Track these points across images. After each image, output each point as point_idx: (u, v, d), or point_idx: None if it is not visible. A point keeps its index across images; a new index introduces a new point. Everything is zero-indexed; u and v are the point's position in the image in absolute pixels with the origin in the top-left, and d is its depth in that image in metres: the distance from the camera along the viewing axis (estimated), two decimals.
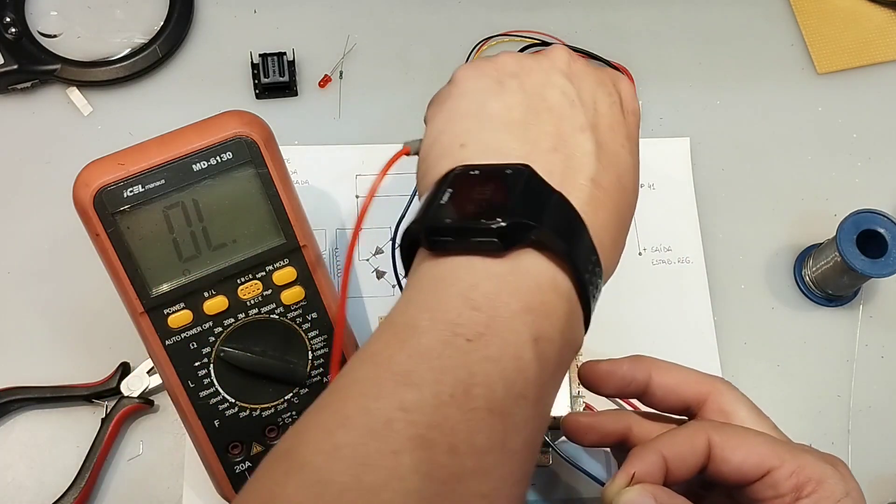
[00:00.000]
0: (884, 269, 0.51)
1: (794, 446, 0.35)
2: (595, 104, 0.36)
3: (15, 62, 0.56)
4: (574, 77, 0.37)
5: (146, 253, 0.41)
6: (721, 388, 0.38)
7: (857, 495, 0.33)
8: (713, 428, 0.35)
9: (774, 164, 0.59)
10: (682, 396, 0.38)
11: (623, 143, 0.36)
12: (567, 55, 0.38)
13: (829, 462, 0.34)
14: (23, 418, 0.50)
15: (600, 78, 0.38)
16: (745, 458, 0.34)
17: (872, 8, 0.64)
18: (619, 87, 0.38)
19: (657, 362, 0.39)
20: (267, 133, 0.43)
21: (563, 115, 0.35)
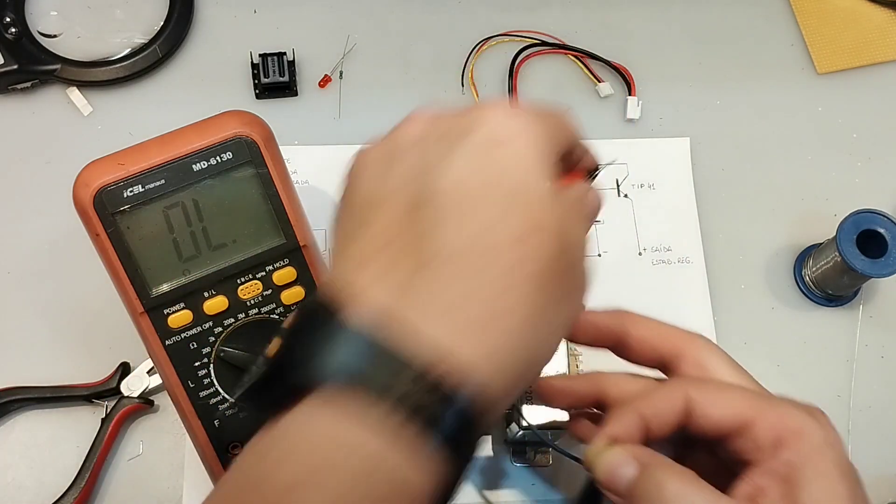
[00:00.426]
0: (884, 269, 0.51)
1: (773, 398, 0.34)
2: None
3: (15, 62, 0.56)
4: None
5: (146, 253, 0.41)
6: (698, 343, 0.37)
7: (837, 443, 0.33)
8: (691, 385, 0.34)
9: (774, 164, 0.59)
10: (658, 350, 0.37)
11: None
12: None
13: (809, 411, 0.33)
14: (23, 418, 0.50)
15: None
16: (724, 413, 0.33)
17: (872, 8, 0.64)
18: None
19: (634, 316, 0.38)
20: (267, 133, 0.43)
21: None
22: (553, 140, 0.31)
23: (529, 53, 0.61)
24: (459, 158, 0.30)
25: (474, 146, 0.30)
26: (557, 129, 0.33)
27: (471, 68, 0.60)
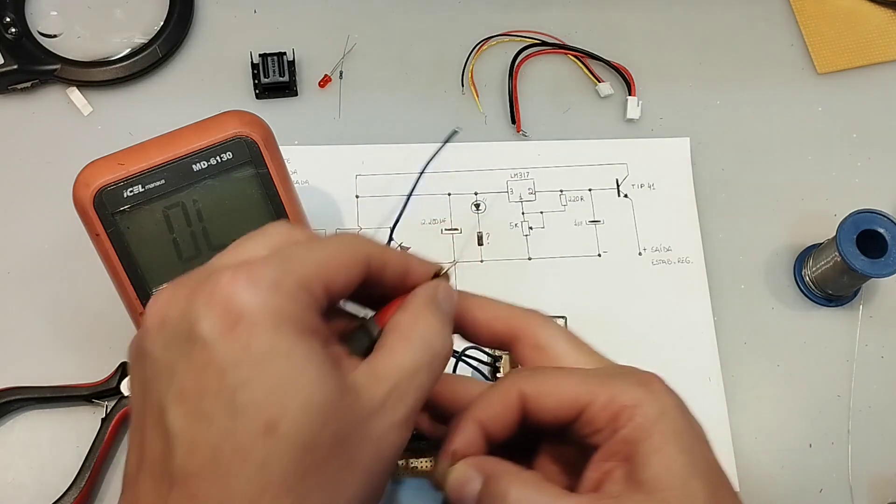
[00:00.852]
0: (884, 269, 0.51)
1: (608, 375, 0.33)
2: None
3: (15, 62, 0.56)
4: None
5: (146, 253, 0.41)
6: (535, 323, 0.36)
7: (674, 411, 0.32)
8: (523, 379, 0.33)
9: (774, 164, 0.59)
10: (495, 331, 0.36)
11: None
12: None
13: (643, 383, 0.33)
14: (23, 418, 0.50)
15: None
16: (558, 402, 0.32)
17: (872, 8, 0.64)
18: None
19: (470, 297, 0.36)
20: (267, 133, 0.43)
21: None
22: (312, 293, 0.29)
23: (529, 53, 0.61)
24: (183, 375, 0.27)
25: (198, 353, 0.27)
26: (324, 272, 0.30)
27: (471, 68, 0.60)
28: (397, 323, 0.32)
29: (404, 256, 0.33)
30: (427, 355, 0.31)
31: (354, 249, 0.31)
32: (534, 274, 0.55)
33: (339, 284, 0.30)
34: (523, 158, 0.58)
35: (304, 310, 0.28)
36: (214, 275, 0.28)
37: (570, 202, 0.57)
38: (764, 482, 0.51)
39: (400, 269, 0.33)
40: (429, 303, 0.32)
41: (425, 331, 0.31)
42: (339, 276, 0.30)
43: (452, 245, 0.55)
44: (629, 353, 0.53)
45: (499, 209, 0.57)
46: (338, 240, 0.31)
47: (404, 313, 0.32)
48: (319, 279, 0.29)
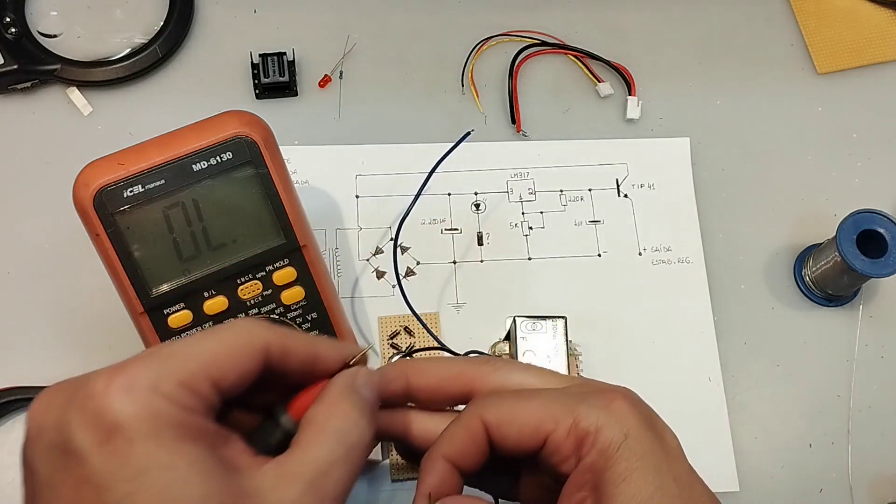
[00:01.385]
0: (884, 269, 0.51)
1: (571, 397, 0.32)
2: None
3: (15, 62, 0.56)
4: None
5: (146, 253, 0.41)
6: (485, 370, 0.34)
7: (639, 431, 0.31)
8: (485, 408, 0.32)
9: (774, 164, 0.59)
10: (449, 394, 0.34)
11: None
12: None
13: (605, 404, 0.31)
14: (23, 418, 0.50)
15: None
16: (521, 430, 0.31)
17: (872, 8, 0.64)
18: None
19: (414, 365, 0.35)
20: (267, 133, 0.43)
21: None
22: (197, 392, 0.27)
23: (529, 53, 0.61)
24: (61, 490, 0.26)
25: (75, 467, 0.26)
26: (210, 367, 0.28)
27: (471, 68, 0.60)
28: (312, 416, 0.30)
29: (312, 343, 0.32)
30: (342, 448, 0.29)
31: (248, 339, 0.30)
32: (534, 274, 0.55)
33: (231, 379, 0.29)
34: (523, 158, 0.58)
35: (186, 413, 0.27)
36: (90, 381, 0.27)
37: (570, 202, 0.57)
38: (764, 482, 0.51)
39: (306, 357, 0.31)
40: (345, 392, 0.31)
41: (341, 423, 0.30)
42: (230, 370, 0.29)
43: (452, 245, 0.55)
44: (629, 353, 0.54)
45: (499, 209, 0.57)
46: (229, 329, 0.30)
47: (319, 405, 0.30)
48: (205, 376, 0.28)
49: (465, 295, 0.54)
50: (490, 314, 0.53)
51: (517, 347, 0.46)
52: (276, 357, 0.30)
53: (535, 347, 0.46)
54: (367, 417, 0.31)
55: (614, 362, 0.53)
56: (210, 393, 0.28)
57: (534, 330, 0.47)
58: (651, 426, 0.32)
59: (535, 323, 0.47)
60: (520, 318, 0.47)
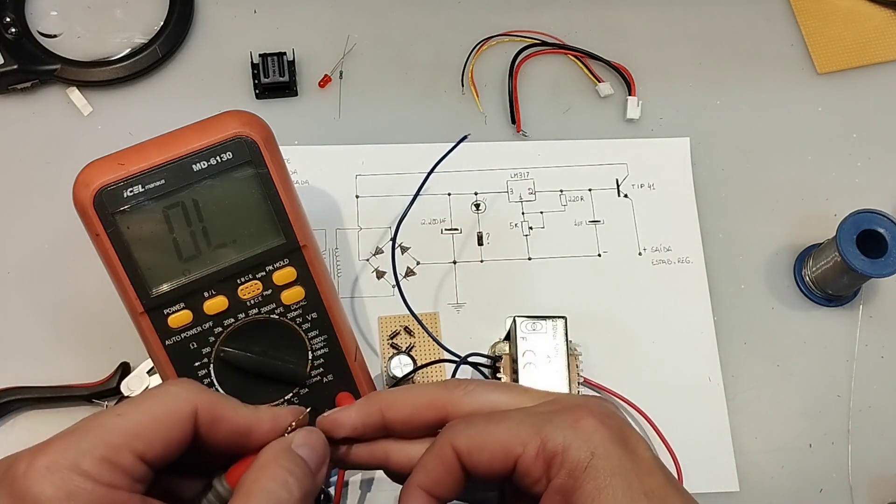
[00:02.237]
0: (884, 269, 0.51)
1: (536, 419, 0.32)
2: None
3: (15, 62, 0.56)
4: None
5: (146, 253, 0.41)
6: (456, 393, 0.34)
7: (607, 448, 0.30)
8: (456, 435, 0.32)
9: (774, 164, 0.59)
10: (424, 422, 0.34)
11: None
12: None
13: (572, 423, 0.31)
14: (23, 418, 0.50)
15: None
16: (491, 455, 0.31)
17: (872, 8, 0.64)
18: None
19: (388, 397, 0.35)
20: (267, 133, 0.43)
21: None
22: (121, 465, 0.28)
23: (529, 53, 0.61)
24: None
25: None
26: (134, 440, 0.28)
27: (471, 68, 0.60)
28: (242, 481, 0.30)
29: (247, 413, 0.32)
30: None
31: (175, 407, 0.30)
32: (534, 274, 0.55)
33: (158, 449, 0.29)
34: (523, 158, 0.58)
35: (107, 489, 0.27)
36: (14, 463, 0.28)
37: (570, 202, 0.57)
38: (764, 482, 0.51)
39: (239, 427, 0.32)
40: (275, 454, 0.31)
41: (267, 484, 0.30)
42: (156, 441, 0.29)
43: (452, 245, 0.55)
44: (629, 353, 0.54)
45: (499, 209, 0.57)
46: (156, 398, 0.30)
47: (249, 470, 0.31)
48: (128, 449, 0.28)
49: (465, 295, 0.54)
50: (490, 314, 0.53)
51: (517, 347, 0.46)
52: (204, 424, 0.31)
53: (535, 347, 0.46)
54: (301, 475, 0.31)
55: (614, 362, 0.53)
56: (134, 465, 0.28)
57: (534, 330, 0.47)
58: (621, 441, 0.31)
59: (535, 323, 0.47)
60: (520, 318, 0.47)
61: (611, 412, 0.33)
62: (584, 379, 0.50)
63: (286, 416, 0.33)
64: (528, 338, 0.46)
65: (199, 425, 0.30)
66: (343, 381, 0.45)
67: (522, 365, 0.46)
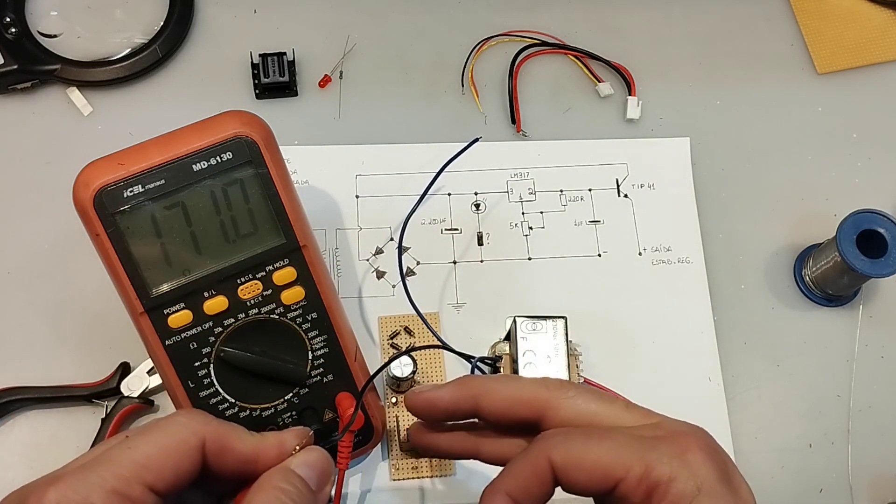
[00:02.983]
0: (884, 269, 0.51)
1: (641, 444, 0.31)
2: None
3: (15, 62, 0.56)
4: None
5: (146, 253, 0.41)
6: (556, 398, 0.34)
7: (713, 486, 0.30)
8: (553, 447, 0.32)
9: (774, 164, 0.59)
10: (516, 417, 0.35)
11: None
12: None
13: (679, 453, 0.31)
14: (23, 418, 0.50)
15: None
16: (590, 474, 0.31)
17: (872, 8, 0.64)
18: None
19: (485, 384, 0.35)
20: (267, 133, 0.43)
21: None
22: (131, 496, 0.29)
23: (529, 53, 0.61)
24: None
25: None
26: (144, 471, 0.29)
27: (471, 68, 0.60)
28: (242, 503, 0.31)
29: (253, 441, 0.33)
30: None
31: (183, 438, 0.31)
32: (534, 274, 0.55)
33: (167, 479, 0.30)
34: (523, 158, 0.58)
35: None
36: (27, 497, 0.29)
37: (570, 202, 0.57)
38: (764, 482, 0.51)
39: (247, 455, 0.32)
40: (273, 475, 0.32)
41: (266, 500, 0.31)
42: (165, 471, 0.30)
43: (452, 245, 0.55)
44: (629, 353, 0.54)
45: (499, 209, 0.57)
46: (165, 429, 0.31)
47: (248, 493, 0.31)
48: (138, 481, 0.29)
49: (465, 295, 0.54)
50: (490, 314, 0.53)
51: (517, 347, 0.46)
52: (212, 454, 0.31)
53: (535, 347, 0.46)
54: (296, 493, 0.31)
55: (614, 362, 0.53)
56: (144, 496, 0.29)
57: (534, 330, 0.47)
58: (726, 480, 0.31)
59: (535, 323, 0.47)
60: (520, 318, 0.47)
61: (716, 447, 0.32)
62: (584, 379, 0.50)
63: (291, 440, 0.34)
64: (528, 338, 0.47)
65: (206, 455, 0.31)
66: (343, 381, 0.45)
67: (522, 365, 0.46)
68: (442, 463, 0.50)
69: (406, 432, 0.47)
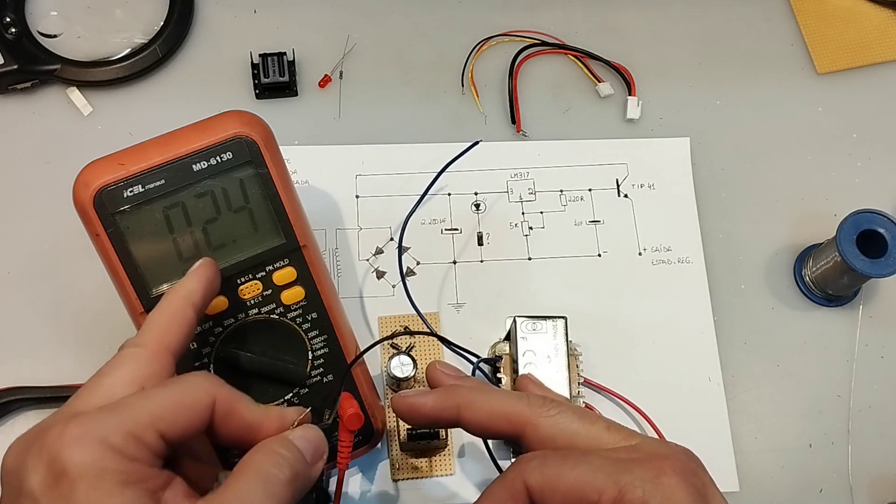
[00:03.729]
0: (884, 269, 0.51)
1: (615, 467, 0.32)
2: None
3: (15, 62, 0.56)
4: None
5: (146, 253, 0.41)
6: (536, 416, 0.35)
7: (686, 501, 0.30)
8: (529, 472, 0.33)
9: (774, 164, 0.59)
10: (497, 431, 0.36)
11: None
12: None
13: (653, 476, 0.31)
14: (23, 418, 0.50)
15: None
16: (565, 497, 0.31)
17: (872, 8, 0.64)
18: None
19: (467, 396, 0.36)
20: (267, 133, 0.43)
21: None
22: (144, 441, 0.31)
23: (529, 53, 0.61)
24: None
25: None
26: (158, 420, 0.31)
27: (471, 68, 0.60)
28: (237, 464, 0.33)
29: (258, 411, 0.34)
30: (260, 482, 0.32)
31: (197, 395, 0.33)
32: (534, 274, 0.55)
33: (178, 430, 0.31)
34: (523, 158, 0.58)
35: (129, 461, 0.30)
36: (48, 430, 0.30)
37: (570, 202, 0.57)
38: (764, 482, 0.51)
39: (250, 422, 0.34)
40: (272, 440, 0.34)
41: (260, 461, 0.32)
42: (178, 423, 0.32)
43: (452, 245, 0.55)
44: (629, 354, 0.54)
45: (499, 209, 0.57)
46: (181, 384, 0.33)
47: (249, 452, 0.33)
48: (152, 428, 0.31)
49: (465, 295, 0.54)
50: (490, 314, 0.53)
51: (517, 347, 0.46)
52: (219, 415, 0.33)
53: (535, 347, 0.46)
54: (293, 460, 0.33)
55: (614, 362, 0.53)
56: (156, 443, 0.31)
57: (534, 330, 0.47)
58: (702, 502, 0.31)
59: (535, 323, 0.47)
60: (520, 318, 0.47)
61: (694, 469, 0.32)
62: (584, 379, 0.51)
63: (292, 415, 0.35)
64: (528, 338, 0.46)
65: (214, 415, 0.33)
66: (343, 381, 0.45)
67: (522, 365, 0.46)
68: (442, 463, 0.50)
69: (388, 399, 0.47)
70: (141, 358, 0.34)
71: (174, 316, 0.36)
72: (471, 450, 0.50)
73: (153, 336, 0.35)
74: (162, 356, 0.34)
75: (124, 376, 0.33)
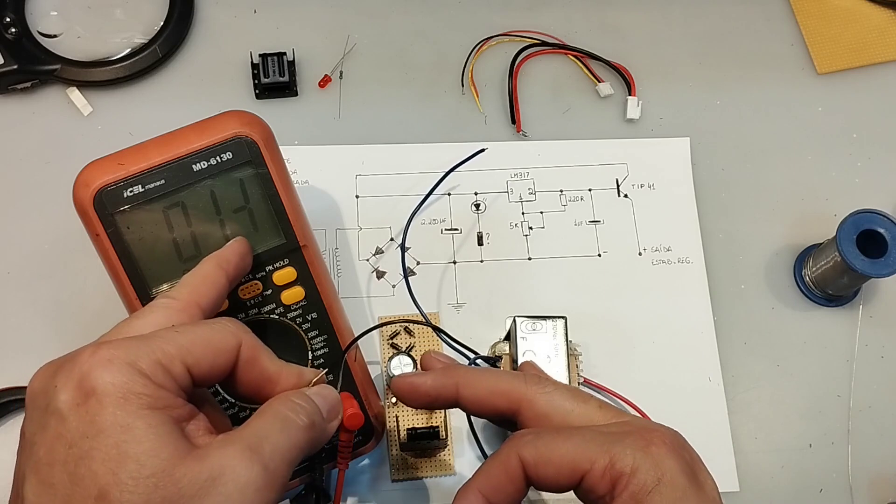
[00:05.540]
0: (884, 269, 0.51)
1: (607, 438, 0.33)
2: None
3: (15, 62, 0.56)
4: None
5: (146, 253, 0.41)
6: (532, 391, 0.36)
7: (674, 477, 0.31)
8: (523, 446, 0.33)
9: (774, 164, 0.59)
10: (494, 408, 0.36)
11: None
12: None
13: (643, 446, 0.32)
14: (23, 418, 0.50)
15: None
16: (558, 469, 0.32)
17: (872, 8, 0.64)
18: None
19: (466, 374, 0.37)
20: (267, 133, 0.43)
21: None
22: (171, 372, 0.31)
23: (529, 53, 0.61)
24: (39, 446, 0.30)
25: (53, 425, 0.30)
26: (186, 353, 0.32)
27: (471, 68, 0.60)
28: (259, 409, 0.34)
29: (279, 364, 0.36)
30: (278, 422, 0.33)
31: (224, 337, 0.34)
32: (534, 274, 0.55)
33: (204, 367, 0.33)
34: (523, 158, 0.58)
35: (156, 388, 0.30)
36: (79, 352, 0.31)
37: (570, 202, 0.57)
38: (764, 482, 0.51)
39: (269, 374, 0.35)
40: (291, 392, 0.35)
41: (278, 405, 0.34)
42: (205, 360, 0.32)
43: (452, 245, 0.55)
44: (629, 353, 0.54)
45: (499, 209, 0.57)
46: (211, 325, 0.34)
47: (267, 402, 0.34)
48: (180, 360, 0.32)
49: (465, 295, 0.54)
50: (490, 314, 0.53)
51: (517, 347, 0.46)
52: (243, 361, 0.34)
53: (535, 347, 0.46)
54: (310, 411, 0.34)
55: (614, 362, 0.53)
56: (182, 374, 0.32)
57: (534, 330, 0.47)
58: (690, 473, 0.32)
59: (535, 323, 0.47)
60: (520, 318, 0.47)
61: (683, 444, 0.33)
62: (584, 379, 0.51)
63: (309, 374, 0.37)
64: (528, 338, 0.47)
65: (238, 360, 0.34)
66: (343, 381, 0.45)
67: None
68: (442, 463, 0.50)
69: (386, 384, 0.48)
70: (171, 307, 0.35)
71: (207, 277, 0.37)
72: (471, 451, 0.50)
73: (185, 292, 0.36)
74: (192, 309, 0.35)
75: (155, 321, 0.34)
